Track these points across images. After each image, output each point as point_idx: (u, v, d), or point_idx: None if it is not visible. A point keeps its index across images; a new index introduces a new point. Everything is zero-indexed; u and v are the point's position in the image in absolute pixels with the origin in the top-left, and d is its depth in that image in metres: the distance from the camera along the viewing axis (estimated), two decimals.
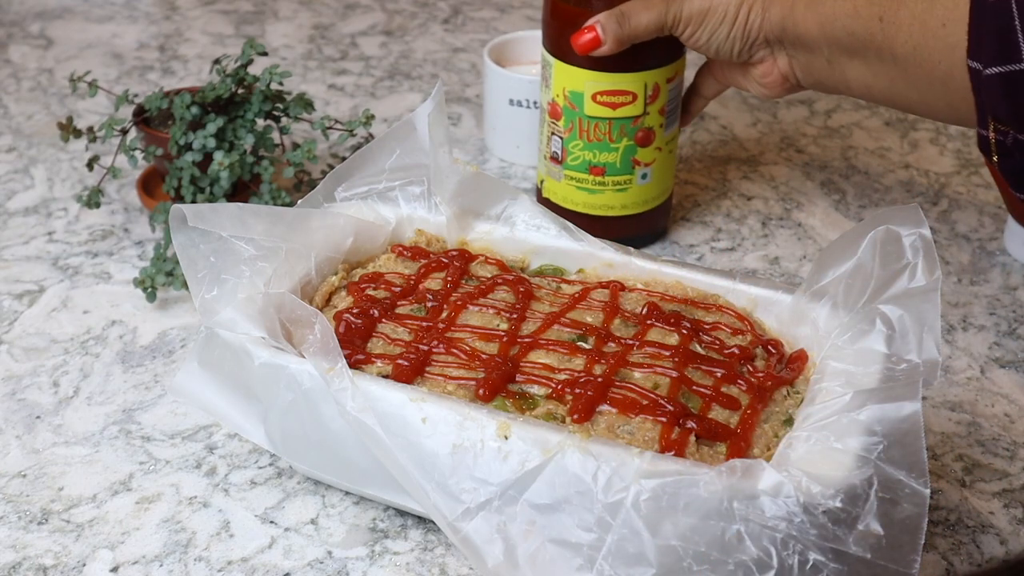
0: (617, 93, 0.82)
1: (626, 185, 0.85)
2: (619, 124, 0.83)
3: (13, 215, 0.97)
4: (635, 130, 0.84)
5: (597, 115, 0.83)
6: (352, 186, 0.76)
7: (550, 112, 0.85)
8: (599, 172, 0.85)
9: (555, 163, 0.86)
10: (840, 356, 0.62)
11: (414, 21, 1.35)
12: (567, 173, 0.86)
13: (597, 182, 0.85)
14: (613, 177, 0.85)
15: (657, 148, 0.85)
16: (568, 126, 0.84)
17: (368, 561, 0.65)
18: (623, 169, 0.85)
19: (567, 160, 0.85)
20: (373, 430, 0.60)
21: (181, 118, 0.88)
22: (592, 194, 0.86)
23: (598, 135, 0.84)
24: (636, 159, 0.85)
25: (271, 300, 0.66)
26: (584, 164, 0.85)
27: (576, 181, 0.86)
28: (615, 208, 0.86)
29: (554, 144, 0.86)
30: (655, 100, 0.83)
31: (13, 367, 0.80)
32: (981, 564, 0.66)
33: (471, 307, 0.69)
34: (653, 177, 0.87)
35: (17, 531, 0.67)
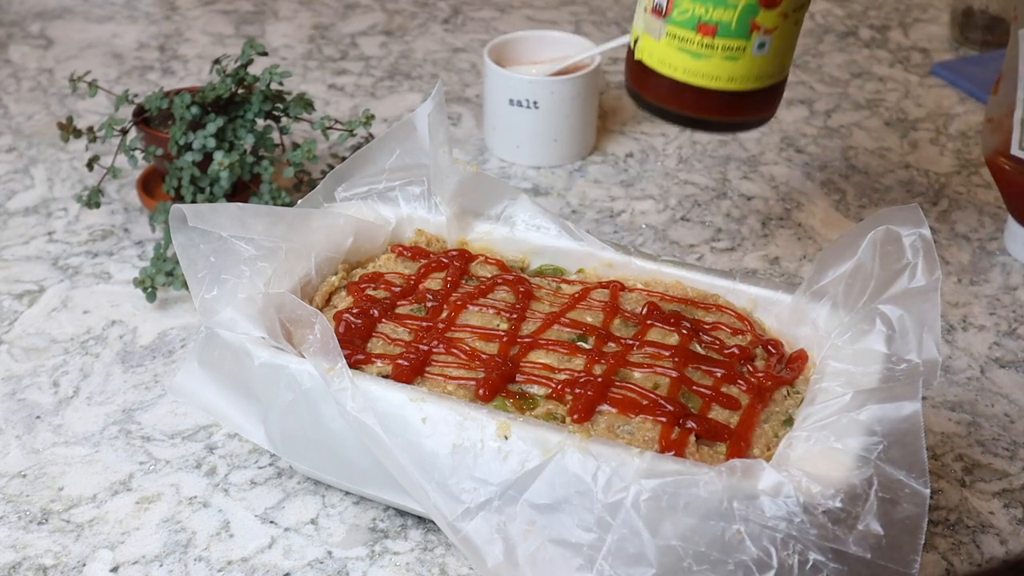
0: None
1: (738, 53, 0.71)
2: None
3: (13, 215, 0.97)
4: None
5: None
6: (352, 186, 0.76)
7: None
8: (709, 32, 0.71)
9: (657, 16, 0.72)
10: (840, 356, 0.62)
11: (414, 21, 1.35)
12: (670, 30, 0.71)
13: (705, 44, 0.71)
14: (724, 40, 0.70)
15: (783, 14, 0.70)
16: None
17: (368, 561, 0.65)
18: (738, 32, 0.70)
19: (672, 13, 0.71)
20: (373, 430, 0.60)
21: (181, 118, 0.88)
22: (696, 59, 0.71)
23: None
24: (756, 22, 0.70)
25: (271, 300, 0.66)
26: (692, 20, 0.70)
27: (679, 41, 0.71)
28: (720, 79, 0.72)
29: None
30: None
31: (13, 367, 0.80)
32: (981, 564, 0.66)
33: (471, 307, 0.69)
34: (771, 50, 0.71)
35: (17, 531, 0.67)
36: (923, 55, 1.28)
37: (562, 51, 1.06)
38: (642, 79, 0.74)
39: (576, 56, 1.04)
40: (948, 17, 1.34)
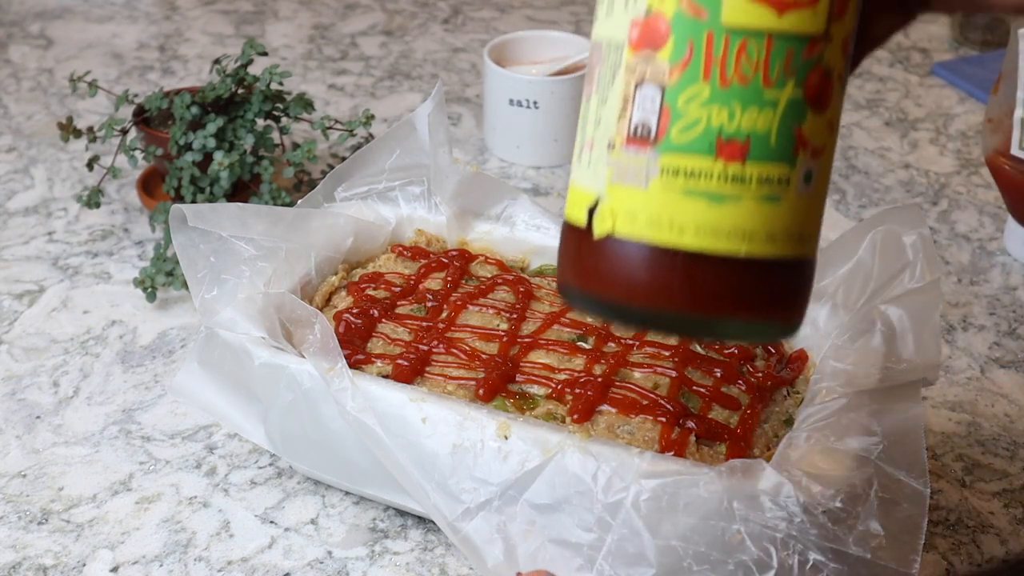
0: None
1: (780, 189, 0.41)
2: (785, 46, 0.40)
3: (13, 215, 0.97)
4: (808, 66, 0.41)
5: (748, 24, 0.40)
6: (352, 186, 0.76)
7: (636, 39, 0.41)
8: (736, 153, 0.41)
9: (640, 146, 0.41)
10: (840, 356, 0.62)
11: (414, 21, 1.35)
12: (668, 163, 0.41)
13: (732, 175, 0.41)
14: (761, 165, 0.41)
15: (829, 124, 0.42)
16: (680, 57, 0.40)
17: (368, 561, 0.65)
18: (780, 149, 0.41)
19: (671, 133, 0.41)
20: (373, 430, 0.60)
21: (181, 118, 0.88)
22: (716, 205, 0.41)
23: (744, 68, 0.40)
24: (802, 133, 0.41)
25: (271, 300, 0.66)
26: (707, 136, 0.41)
27: (687, 178, 0.41)
28: (756, 239, 0.41)
29: (641, 105, 0.41)
30: (843, 13, 0.41)
31: (13, 367, 0.80)
32: (981, 564, 0.66)
33: (471, 307, 0.69)
34: (816, 185, 0.42)
35: (17, 531, 0.67)
36: (923, 55, 1.28)
37: (562, 51, 1.06)
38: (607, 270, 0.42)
39: (576, 56, 1.04)
40: (948, 17, 1.34)
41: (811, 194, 0.42)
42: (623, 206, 0.42)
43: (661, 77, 0.41)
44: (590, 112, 0.43)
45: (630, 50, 0.41)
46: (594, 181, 0.43)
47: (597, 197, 0.42)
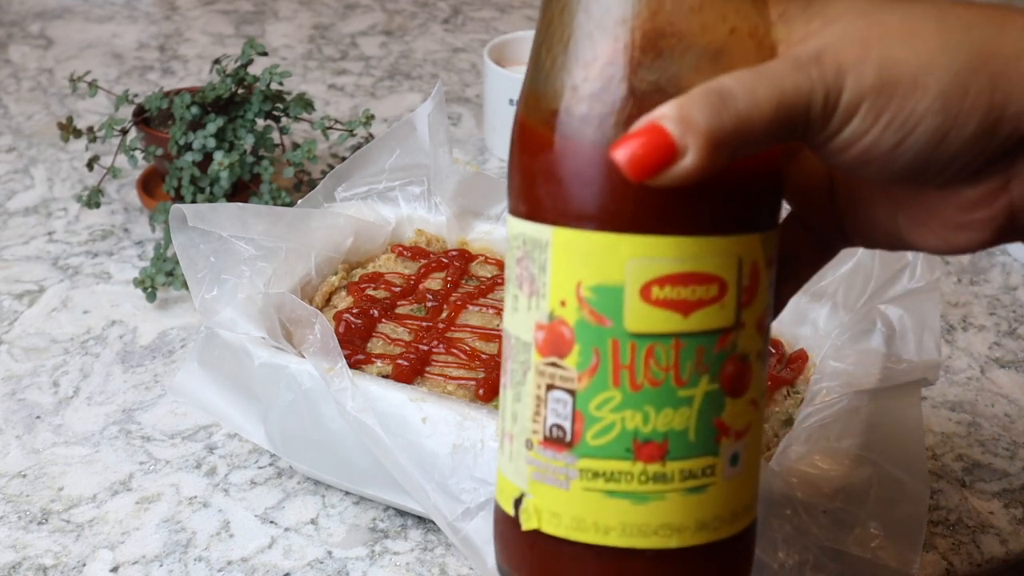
0: (691, 279, 0.39)
1: (706, 479, 0.40)
2: (695, 345, 0.39)
3: (13, 215, 0.97)
4: (722, 359, 0.40)
5: (653, 329, 0.39)
6: (352, 186, 0.76)
7: (542, 344, 0.40)
8: (655, 455, 0.40)
9: (557, 449, 0.41)
10: (840, 356, 0.62)
11: (414, 21, 1.35)
12: (586, 466, 0.40)
13: (652, 475, 0.40)
14: (682, 462, 0.40)
15: (752, 403, 0.41)
16: (587, 365, 0.40)
17: (368, 561, 0.65)
18: (700, 443, 0.40)
19: (585, 438, 0.40)
20: (373, 430, 0.60)
21: (181, 118, 0.88)
22: (640, 504, 0.40)
23: (654, 372, 0.39)
24: (722, 422, 0.40)
25: (271, 300, 0.66)
26: (623, 440, 0.40)
27: (605, 480, 0.40)
28: (686, 531, 0.40)
29: (554, 409, 0.41)
30: (752, 298, 0.40)
31: (13, 367, 0.80)
32: (981, 564, 0.66)
33: (471, 307, 0.69)
34: (745, 463, 0.42)
35: (17, 531, 0.67)
36: None
37: None
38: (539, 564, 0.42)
39: None
40: None
41: (741, 472, 0.41)
42: (547, 505, 0.41)
43: (570, 384, 0.40)
44: (507, 404, 0.42)
45: (537, 353, 0.40)
46: (517, 476, 0.42)
47: (522, 492, 0.42)
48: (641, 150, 0.35)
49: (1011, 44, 0.37)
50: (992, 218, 0.39)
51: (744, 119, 0.35)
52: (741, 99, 0.35)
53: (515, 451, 0.42)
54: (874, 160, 0.38)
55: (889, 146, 0.37)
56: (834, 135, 0.37)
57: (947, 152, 0.37)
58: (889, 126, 0.37)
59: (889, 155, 0.37)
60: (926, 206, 0.41)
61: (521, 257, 0.40)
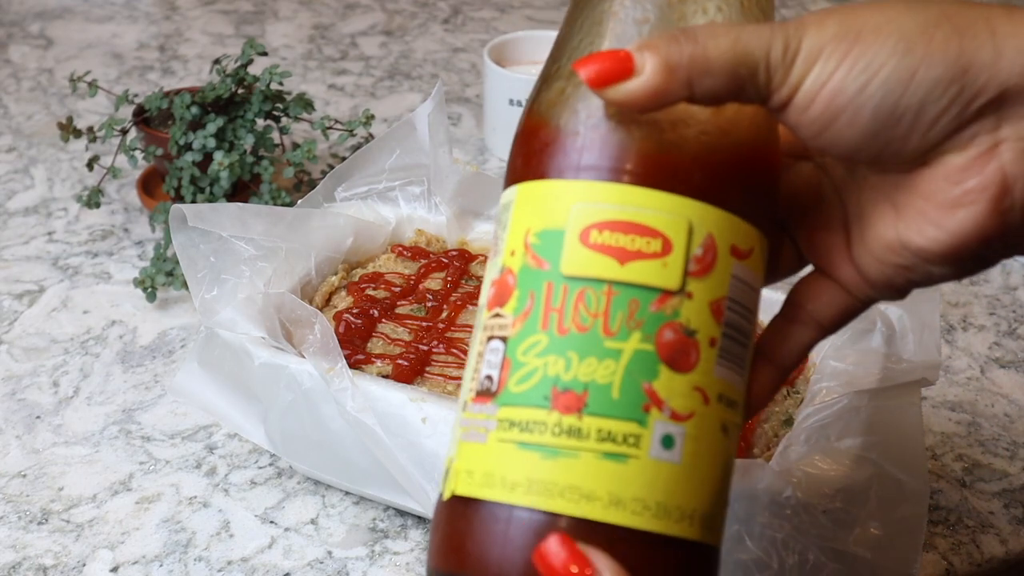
0: (631, 228, 0.38)
1: (625, 448, 0.37)
2: (628, 297, 0.37)
3: (13, 215, 0.97)
4: (658, 320, 0.37)
5: (587, 273, 0.38)
6: (352, 186, 0.76)
7: (491, 298, 0.40)
8: (572, 404, 0.37)
9: (483, 401, 0.39)
10: (840, 356, 0.62)
11: (414, 21, 1.35)
12: (504, 415, 0.38)
13: (566, 428, 0.37)
14: (600, 420, 0.37)
15: (699, 391, 0.38)
16: (522, 308, 0.38)
17: (368, 561, 0.65)
18: (624, 405, 0.37)
19: (508, 386, 0.38)
20: (373, 430, 0.60)
21: (181, 118, 0.88)
22: (551, 459, 0.37)
23: (583, 317, 0.37)
24: (654, 390, 0.37)
25: (271, 300, 0.66)
26: (543, 387, 0.37)
27: (520, 430, 0.37)
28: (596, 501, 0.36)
29: (488, 361, 0.39)
30: (705, 272, 0.38)
31: (13, 367, 0.80)
32: (981, 564, 0.66)
33: (471, 307, 0.69)
34: (686, 456, 0.38)
35: (17, 531, 0.67)
36: None
37: None
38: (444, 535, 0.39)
39: None
40: None
41: (678, 463, 0.37)
42: (464, 465, 0.38)
43: (505, 330, 0.38)
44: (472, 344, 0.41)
45: (487, 311, 0.40)
46: (453, 442, 0.40)
47: (449, 459, 0.40)
48: (601, 63, 0.37)
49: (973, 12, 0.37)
50: (984, 187, 0.37)
51: (701, 50, 0.36)
52: (702, 34, 0.37)
53: (456, 421, 0.40)
54: (840, 110, 0.37)
55: (854, 90, 0.36)
56: (797, 85, 0.37)
57: (915, 96, 0.36)
58: (852, 68, 0.36)
59: (855, 101, 0.36)
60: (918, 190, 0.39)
61: (497, 222, 0.41)
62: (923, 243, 0.39)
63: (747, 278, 0.39)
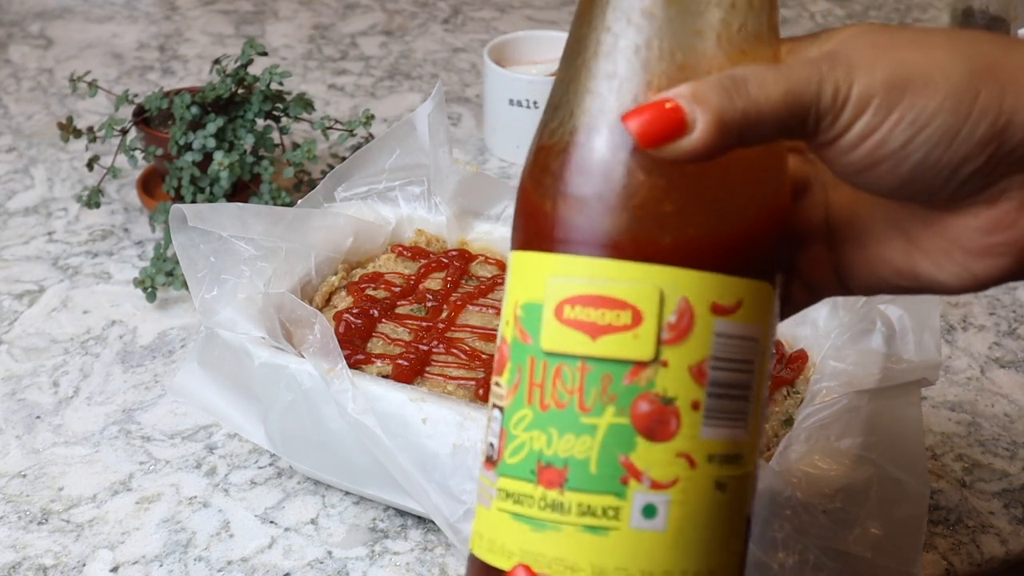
0: (601, 302, 0.38)
1: (606, 521, 0.38)
2: (600, 372, 0.38)
3: (13, 215, 0.97)
4: (632, 393, 0.38)
5: (562, 349, 0.38)
6: (352, 186, 0.76)
7: (495, 366, 0.41)
8: (554, 479, 0.38)
9: (488, 467, 0.41)
10: (840, 356, 0.62)
11: (414, 21, 1.35)
12: (502, 485, 0.40)
13: (550, 502, 0.38)
14: (580, 495, 0.38)
15: (681, 455, 0.38)
16: (513, 380, 0.40)
17: (368, 561, 0.65)
18: (602, 479, 0.38)
19: (504, 456, 0.40)
20: (373, 430, 0.60)
21: (181, 118, 0.88)
22: (539, 532, 0.38)
23: (560, 393, 0.38)
24: (630, 462, 0.38)
25: (271, 300, 0.66)
26: (529, 461, 0.39)
27: (514, 501, 0.39)
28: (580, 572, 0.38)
29: (492, 429, 0.41)
30: (681, 338, 0.38)
31: (13, 367, 0.80)
32: (981, 564, 0.66)
33: (471, 307, 0.69)
34: (671, 524, 0.38)
35: (17, 531, 0.67)
36: None
37: (562, 51, 1.06)
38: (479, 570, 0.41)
39: None
40: (948, 17, 1.34)
41: (662, 530, 0.37)
42: (478, 527, 0.41)
43: (501, 400, 0.40)
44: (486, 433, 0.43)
45: (494, 375, 0.41)
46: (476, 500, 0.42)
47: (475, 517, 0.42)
48: (651, 119, 0.36)
49: (1018, 61, 0.37)
50: (1014, 241, 0.38)
51: (753, 103, 0.36)
52: (752, 84, 0.36)
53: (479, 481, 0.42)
54: (883, 159, 0.37)
55: (899, 143, 0.37)
56: (844, 131, 0.37)
57: (957, 154, 0.37)
58: (900, 122, 0.36)
59: (898, 153, 0.37)
60: (943, 232, 0.39)
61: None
62: (943, 277, 0.40)
63: (737, 331, 0.38)
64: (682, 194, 0.38)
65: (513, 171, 1.04)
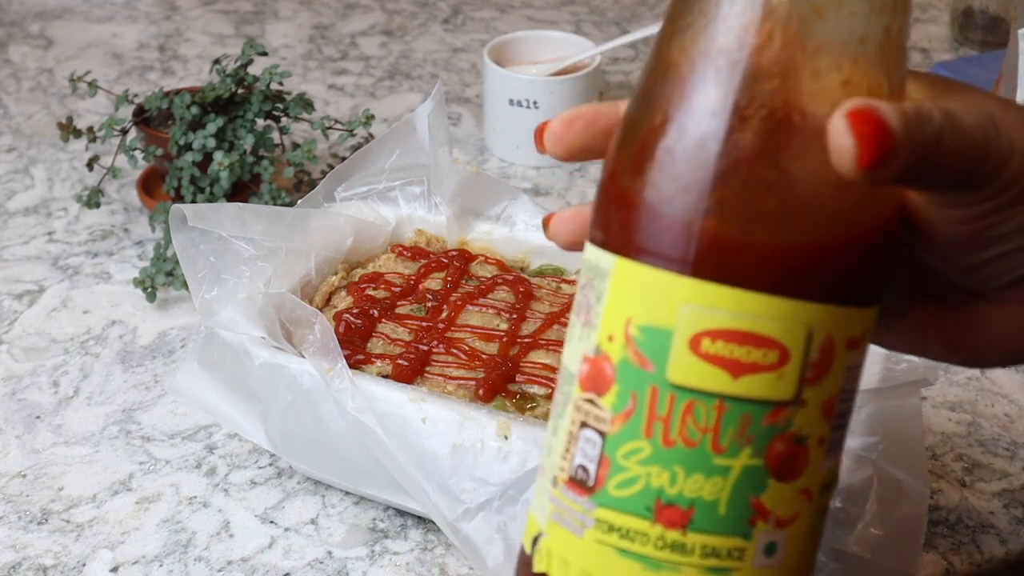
0: (747, 339, 0.35)
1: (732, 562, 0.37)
2: (740, 412, 0.36)
3: (13, 215, 0.97)
4: (770, 434, 0.36)
5: (696, 384, 0.36)
6: (352, 186, 0.76)
7: (584, 378, 0.38)
8: (677, 520, 0.36)
9: (578, 491, 0.38)
10: None
11: (414, 21, 1.35)
12: (603, 516, 0.37)
13: (670, 542, 0.36)
14: (705, 536, 0.36)
15: (804, 492, 0.37)
16: (623, 407, 0.37)
17: (368, 561, 0.65)
18: (730, 521, 0.36)
19: (607, 486, 0.37)
20: (373, 430, 0.60)
21: (181, 118, 0.88)
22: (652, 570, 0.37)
23: (690, 431, 0.36)
24: (761, 503, 0.36)
25: (271, 300, 0.66)
26: (645, 497, 0.36)
27: (620, 536, 0.37)
28: None
29: (583, 449, 0.38)
30: (820, 377, 0.36)
31: (13, 367, 0.80)
32: (981, 564, 0.66)
33: (471, 307, 0.69)
34: (785, 558, 0.37)
35: (17, 531, 0.67)
36: (923, 55, 1.28)
37: (562, 51, 1.06)
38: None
39: (576, 56, 1.04)
40: (948, 17, 1.34)
41: (778, 567, 0.37)
42: (559, 550, 0.38)
43: (603, 424, 0.37)
44: (547, 435, 0.39)
45: (579, 387, 0.38)
46: (540, 513, 0.39)
47: (540, 531, 0.39)
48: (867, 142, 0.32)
49: None
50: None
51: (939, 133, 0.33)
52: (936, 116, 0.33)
53: (542, 486, 0.39)
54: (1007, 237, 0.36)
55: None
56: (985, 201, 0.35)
57: None
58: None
59: None
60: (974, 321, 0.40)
61: (584, 284, 0.38)
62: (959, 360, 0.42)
63: (859, 362, 0.37)
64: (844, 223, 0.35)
65: (513, 171, 1.04)
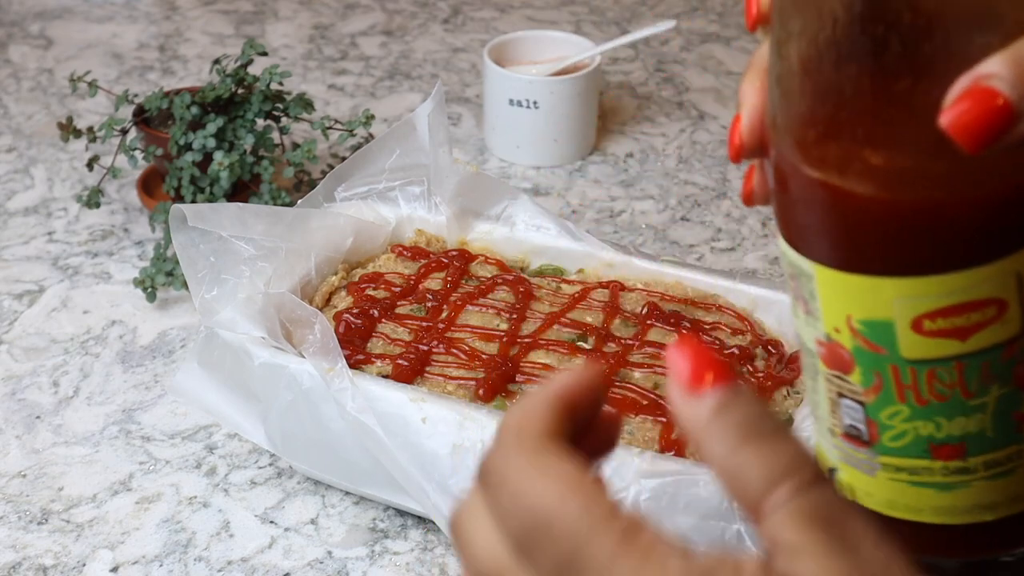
0: (965, 308, 0.39)
1: (1012, 464, 0.42)
2: (978, 362, 0.40)
3: (13, 215, 0.97)
4: (1011, 365, 0.41)
5: (930, 355, 0.40)
6: (352, 186, 0.76)
7: (825, 358, 0.43)
8: (954, 454, 0.42)
9: (857, 444, 0.44)
10: None
11: (414, 21, 1.35)
12: (887, 462, 0.43)
13: (954, 469, 0.42)
14: (984, 456, 0.42)
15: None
16: (871, 383, 0.42)
17: (368, 561, 0.65)
18: (1000, 437, 0.42)
19: (882, 440, 0.43)
20: (373, 430, 0.60)
21: (181, 118, 0.88)
22: (946, 492, 0.43)
23: (939, 390, 0.41)
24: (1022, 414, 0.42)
25: (271, 300, 0.66)
26: (919, 444, 0.42)
27: (910, 474, 0.43)
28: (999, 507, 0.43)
29: (847, 412, 0.43)
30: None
31: (13, 367, 0.80)
32: None
33: (471, 307, 0.69)
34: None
35: (17, 531, 0.67)
36: None
37: (562, 51, 1.06)
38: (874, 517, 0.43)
39: (576, 56, 1.04)
40: None
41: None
42: (858, 485, 0.44)
43: (858, 395, 0.42)
44: (807, 384, 0.44)
45: (822, 363, 0.42)
46: (829, 451, 0.45)
47: (834, 467, 0.45)
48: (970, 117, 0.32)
49: None
50: None
51: None
52: None
53: (821, 431, 0.44)
54: None
55: None
56: None
57: None
58: None
59: None
60: None
61: (791, 275, 0.42)
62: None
63: None
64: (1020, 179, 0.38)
65: (513, 171, 1.04)
